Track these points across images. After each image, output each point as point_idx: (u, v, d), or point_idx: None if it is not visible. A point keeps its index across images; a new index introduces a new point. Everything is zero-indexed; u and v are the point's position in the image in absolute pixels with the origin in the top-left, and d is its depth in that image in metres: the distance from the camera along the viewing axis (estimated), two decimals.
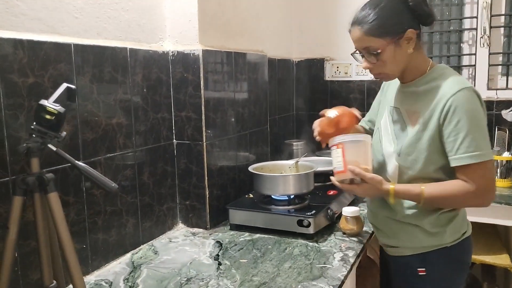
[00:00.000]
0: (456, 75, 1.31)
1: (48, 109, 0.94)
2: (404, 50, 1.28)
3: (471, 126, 1.21)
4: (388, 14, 1.26)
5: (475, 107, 1.23)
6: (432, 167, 1.31)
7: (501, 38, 2.56)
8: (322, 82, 2.87)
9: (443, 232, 1.34)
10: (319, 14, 2.84)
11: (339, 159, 1.34)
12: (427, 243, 1.36)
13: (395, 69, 1.32)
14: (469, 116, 1.21)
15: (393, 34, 1.26)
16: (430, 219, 1.34)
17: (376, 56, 1.28)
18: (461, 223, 1.39)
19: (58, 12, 1.30)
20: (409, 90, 1.37)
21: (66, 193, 1.32)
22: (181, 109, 1.76)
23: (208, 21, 1.79)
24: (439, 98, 1.26)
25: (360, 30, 1.28)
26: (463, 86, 1.23)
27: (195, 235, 1.75)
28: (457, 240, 1.37)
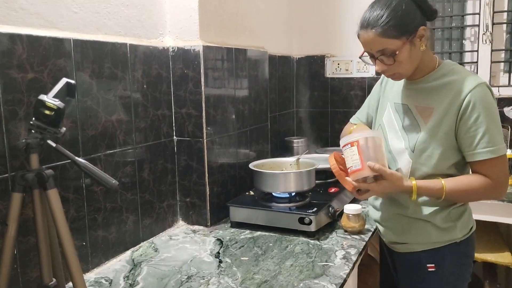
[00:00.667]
0: (467, 71, 1.32)
1: (48, 105, 0.93)
2: (418, 48, 1.28)
3: (489, 121, 1.23)
4: (400, 13, 1.23)
5: (492, 102, 1.26)
6: (446, 163, 1.31)
7: (504, 35, 2.54)
8: (323, 79, 2.85)
9: (454, 227, 1.36)
10: (320, 11, 2.82)
11: (355, 157, 1.29)
12: (438, 239, 1.36)
13: (410, 67, 1.31)
14: (488, 112, 1.24)
15: (408, 34, 1.24)
16: (442, 214, 1.35)
17: (393, 57, 1.25)
18: (469, 218, 1.41)
19: (57, 6, 1.29)
20: (419, 87, 1.36)
21: (66, 189, 1.31)
22: (181, 105, 1.75)
23: (209, 17, 1.77)
24: (455, 93, 1.26)
25: (374, 33, 1.24)
26: (479, 81, 1.26)
27: (195, 233, 1.74)
28: (466, 235, 1.38)
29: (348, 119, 2.82)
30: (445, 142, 1.29)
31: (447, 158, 1.31)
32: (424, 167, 1.32)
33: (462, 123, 1.26)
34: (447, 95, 1.28)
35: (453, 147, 1.30)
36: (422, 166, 1.33)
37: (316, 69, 2.86)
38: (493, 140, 1.24)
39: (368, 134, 1.33)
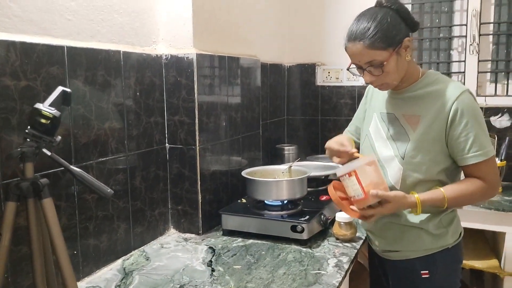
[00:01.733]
0: (450, 80, 1.38)
1: (44, 113, 0.92)
2: (404, 58, 1.31)
3: (478, 126, 1.29)
4: (386, 26, 1.26)
5: (477, 108, 1.32)
6: (436, 168, 1.34)
7: (490, 46, 2.60)
8: (314, 87, 2.88)
9: (446, 233, 1.39)
10: (310, 20, 2.85)
11: (356, 187, 1.29)
12: (431, 245, 1.39)
13: (397, 77, 1.34)
14: (476, 117, 1.30)
15: (394, 45, 1.27)
16: (434, 221, 1.38)
17: (381, 68, 1.28)
18: (458, 223, 1.46)
19: (51, 14, 1.28)
20: (405, 96, 1.40)
21: (57, 197, 1.29)
22: (174, 113, 1.75)
23: (202, 25, 1.78)
24: (442, 101, 1.31)
25: (362, 45, 1.26)
26: (463, 89, 1.31)
27: (187, 241, 1.73)
28: (456, 240, 1.42)
29: (338, 127, 2.86)
30: (435, 148, 1.33)
31: (437, 164, 1.34)
32: (415, 173, 1.35)
33: (452, 130, 1.30)
34: (433, 103, 1.33)
35: (442, 153, 1.34)
36: (413, 172, 1.35)
37: (307, 77, 2.89)
38: (483, 144, 1.29)
39: (363, 160, 1.33)
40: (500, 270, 2.15)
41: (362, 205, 1.31)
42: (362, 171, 1.29)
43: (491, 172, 1.32)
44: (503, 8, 2.56)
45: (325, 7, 2.81)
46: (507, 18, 2.55)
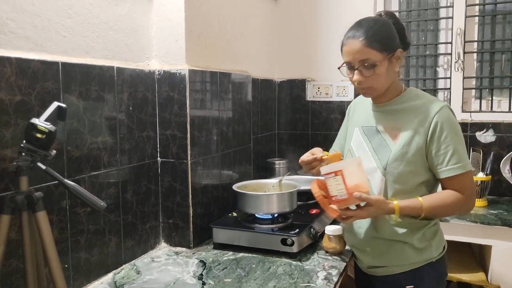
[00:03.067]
0: (430, 96, 1.44)
1: (39, 128, 0.94)
2: (393, 67, 1.38)
3: (457, 140, 1.34)
4: (386, 31, 1.36)
5: (456, 122, 1.38)
6: (417, 180, 1.39)
7: (474, 63, 2.67)
8: (304, 102, 2.93)
9: (429, 246, 1.42)
10: (301, 37, 2.91)
11: (340, 187, 1.29)
12: (416, 259, 1.41)
13: (385, 84, 1.39)
14: (454, 131, 1.35)
15: (389, 51, 1.35)
16: (417, 235, 1.40)
17: (373, 69, 1.33)
18: (442, 236, 1.48)
19: (47, 30, 1.31)
20: (386, 109, 1.45)
21: (49, 211, 1.29)
22: (166, 127, 1.77)
23: (195, 41, 1.82)
24: (423, 115, 1.36)
25: (361, 42, 1.32)
26: (443, 104, 1.37)
27: (178, 254, 1.74)
28: (441, 253, 1.45)
29: (328, 141, 2.89)
30: (415, 160, 1.37)
31: (418, 175, 1.39)
32: (396, 184, 1.39)
33: (432, 143, 1.35)
34: (414, 117, 1.38)
35: (423, 165, 1.38)
36: (395, 183, 1.39)
37: (297, 93, 2.93)
38: (462, 157, 1.34)
39: (351, 161, 1.37)
40: (487, 283, 2.18)
41: (342, 206, 1.32)
42: (348, 171, 1.30)
43: (468, 185, 1.37)
44: (486, 27, 2.64)
45: (315, 24, 2.87)
46: (490, 37, 2.63)
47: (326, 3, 2.83)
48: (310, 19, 2.89)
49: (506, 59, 2.62)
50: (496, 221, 2.14)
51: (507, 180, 2.42)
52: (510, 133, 2.50)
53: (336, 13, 2.80)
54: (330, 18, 2.82)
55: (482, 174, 2.39)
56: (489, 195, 2.42)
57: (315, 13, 2.87)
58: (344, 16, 2.75)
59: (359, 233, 1.52)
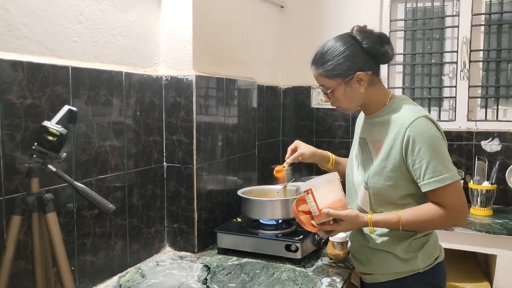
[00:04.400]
0: (411, 105, 1.38)
1: (51, 130, 0.96)
2: (356, 89, 1.37)
3: (431, 152, 1.28)
4: (338, 57, 1.35)
5: (432, 134, 1.30)
6: (399, 193, 1.36)
7: (480, 72, 2.68)
8: (308, 109, 2.94)
9: (415, 257, 1.38)
10: (306, 43, 2.93)
11: (312, 204, 1.38)
12: (400, 269, 1.39)
13: (350, 105, 1.42)
14: (428, 143, 1.28)
15: (343, 76, 1.35)
16: (402, 245, 1.38)
17: (332, 93, 1.39)
18: (433, 248, 1.43)
19: (58, 35, 1.33)
20: (373, 121, 1.45)
21: (57, 213, 1.31)
22: (172, 132, 1.79)
23: (202, 48, 1.84)
24: (398, 128, 1.33)
25: (315, 70, 1.41)
26: (418, 115, 1.31)
27: (182, 259, 1.75)
28: (430, 265, 1.40)
29: (332, 148, 2.90)
30: (396, 175, 1.34)
31: (399, 189, 1.36)
32: (379, 197, 1.39)
33: (408, 157, 1.31)
34: (392, 130, 1.35)
35: (404, 179, 1.35)
36: (377, 197, 1.39)
37: (302, 100, 2.95)
38: (437, 170, 1.27)
39: (320, 179, 1.41)
40: None
41: (319, 221, 1.39)
42: (317, 189, 1.37)
43: (449, 199, 1.29)
44: (492, 36, 2.65)
45: (321, 32, 2.89)
46: (496, 46, 2.64)
47: (331, 11, 2.85)
48: (315, 27, 2.91)
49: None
50: (502, 231, 2.13)
51: None
52: None
53: (341, 20, 2.82)
54: (336, 25, 2.84)
55: (487, 183, 2.38)
56: (494, 204, 2.41)
57: (321, 20, 2.89)
58: (349, 24, 2.75)
59: (352, 241, 1.55)
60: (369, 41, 1.36)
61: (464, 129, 2.61)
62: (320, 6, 2.89)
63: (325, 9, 2.87)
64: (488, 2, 2.61)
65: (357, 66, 1.35)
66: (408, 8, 2.81)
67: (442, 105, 2.77)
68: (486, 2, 2.63)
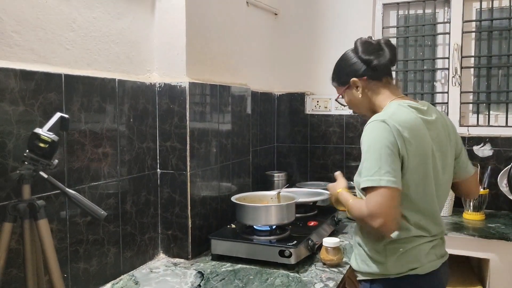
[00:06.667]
0: (386, 110, 1.40)
1: (42, 137, 0.96)
2: (355, 95, 1.50)
3: (368, 154, 1.33)
4: (339, 67, 1.54)
5: (375, 137, 1.32)
6: None
7: (472, 78, 2.71)
8: (303, 116, 2.96)
9: (384, 262, 1.39)
10: (300, 50, 2.95)
11: None
12: (372, 270, 1.42)
13: (360, 110, 1.55)
14: (368, 145, 1.34)
15: (343, 84, 1.52)
16: (375, 246, 1.42)
17: (339, 100, 1.58)
18: (411, 258, 1.39)
19: (51, 43, 1.34)
20: None
21: (49, 221, 1.30)
22: (166, 139, 1.79)
23: (196, 55, 1.85)
24: None
25: (332, 83, 1.60)
26: (375, 118, 1.36)
27: (176, 265, 1.75)
28: (402, 273, 1.38)
29: (326, 154, 2.92)
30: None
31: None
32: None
33: None
34: None
35: None
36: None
37: (296, 106, 2.96)
38: (368, 172, 1.30)
39: None
40: None
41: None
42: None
43: (370, 201, 1.30)
44: (483, 42, 2.68)
45: (315, 39, 2.92)
46: (487, 52, 2.67)
47: (325, 18, 2.88)
48: (309, 34, 2.93)
49: (502, 74, 2.65)
50: (494, 235, 2.15)
51: (504, 194, 2.43)
52: (507, 147, 2.52)
53: (334, 27, 2.85)
54: (329, 32, 2.87)
55: (480, 188, 2.40)
56: (486, 208, 2.44)
57: (314, 27, 2.92)
58: (343, 31, 2.80)
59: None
60: (363, 48, 1.47)
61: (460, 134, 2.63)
62: (314, 14, 2.91)
63: (319, 16, 2.90)
64: (479, 9, 2.65)
65: (352, 73, 1.48)
66: (400, 15, 2.85)
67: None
68: (476, 9, 2.67)
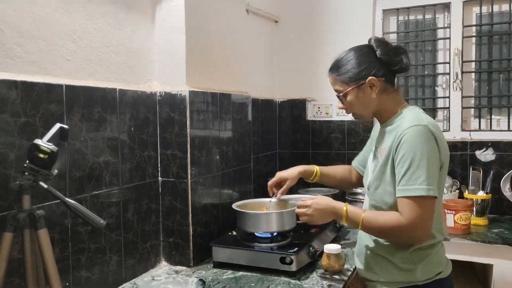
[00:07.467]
0: (418, 114, 1.39)
1: (42, 148, 0.98)
2: (368, 95, 1.41)
3: (412, 161, 1.29)
4: (352, 62, 1.42)
5: (421, 143, 1.29)
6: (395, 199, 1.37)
7: (473, 83, 2.71)
8: (304, 122, 2.96)
9: (413, 269, 1.38)
10: (301, 57, 2.97)
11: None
12: (399, 279, 1.40)
13: (364, 110, 1.46)
14: (413, 151, 1.29)
15: (356, 81, 1.41)
16: (402, 254, 1.39)
17: (345, 98, 1.45)
18: (436, 263, 1.41)
19: (51, 54, 1.36)
20: (383, 130, 1.48)
21: (51, 230, 1.32)
22: (167, 147, 1.81)
23: (196, 63, 1.87)
24: (396, 134, 1.36)
25: (330, 76, 1.48)
26: (417, 123, 1.32)
27: (178, 273, 1.75)
28: (430, 279, 1.39)
29: (328, 160, 2.92)
30: (393, 180, 1.36)
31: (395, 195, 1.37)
32: (378, 203, 1.41)
33: (395, 161, 1.34)
34: (392, 136, 1.38)
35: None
36: (376, 203, 1.42)
37: (298, 112, 2.97)
38: (412, 180, 1.27)
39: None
40: None
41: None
42: None
43: (412, 212, 1.27)
44: (483, 47, 2.68)
45: (315, 45, 2.93)
46: (488, 57, 2.67)
47: (325, 24, 2.90)
48: (310, 40, 2.95)
49: (503, 79, 2.65)
50: (497, 240, 2.14)
51: (507, 199, 2.42)
52: (510, 152, 2.51)
53: (335, 34, 2.86)
54: (330, 39, 2.88)
55: (482, 192, 2.39)
56: (490, 213, 2.42)
57: (315, 34, 2.93)
58: (343, 37, 2.81)
59: (358, 241, 1.57)
60: (383, 49, 1.41)
61: (459, 139, 2.63)
62: (314, 20, 2.93)
63: (319, 23, 2.92)
64: (479, 14, 2.65)
65: (370, 71, 1.40)
66: (400, 21, 2.86)
67: (436, 116, 2.79)
68: (476, 14, 2.67)
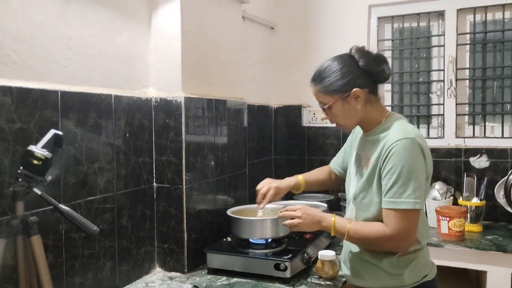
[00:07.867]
0: (404, 125, 1.40)
1: (36, 155, 0.98)
2: (353, 106, 1.41)
3: (400, 174, 1.30)
4: (336, 74, 1.40)
5: (410, 157, 1.31)
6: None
7: (467, 90, 2.73)
8: (300, 128, 2.97)
9: (401, 273, 1.40)
10: (297, 63, 2.98)
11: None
12: (387, 283, 1.42)
13: (348, 121, 1.46)
14: (402, 164, 1.31)
15: (340, 93, 1.40)
16: (389, 259, 1.41)
17: (329, 109, 1.43)
18: (422, 266, 1.44)
19: (47, 61, 1.37)
20: (368, 139, 1.48)
21: (45, 236, 1.33)
22: (162, 153, 1.81)
23: (191, 70, 1.88)
24: (383, 145, 1.37)
25: (314, 87, 1.45)
26: (405, 136, 1.33)
27: (172, 279, 1.75)
28: (417, 282, 1.41)
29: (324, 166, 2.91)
30: (379, 191, 1.37)
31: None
32: (365, 213, 1.42)
33: (382, 173, 1.35)
34: (379, 147, 1.39)
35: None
36: (363, 212, 1.43)
37: (293, 119, 2.99)
38: (399, 193, 1.30)
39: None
40: None
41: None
42: None
43: (397, 224, 1.30)
44: (477, 55, 2.71)
45: (311, 51, 2.95)
46: (482, 64, 2.69)
47: (321, 31, 2.92)
48: (305, 47, 2.96)
49: (497, 86, 2.67)
50: (491, 247, 2.15)
51: (501, 205, 2.43)
52: (504, 159, 2.53)
53: (330, 41, 2.88)
54: (325, 46, 2.90)
55: (476, 199, 2.40)
56: (484, 220, 2.43)
57: (310, 41, 2.95)
58: (338, 44, 2.81)
59: (345, 250, 1.56)
60: (365, 60, 1.41)
61: (453, 146, 2.65)
62: (310, 27, 2.95)
63: (314, 30, 2.94)
64: (472, 22, 2.67)
65: (354, 83, 1.39)
66: (395, 28, 2.88)
67: (430, 123, 2.81)
68: (470, 22, 2.70)
